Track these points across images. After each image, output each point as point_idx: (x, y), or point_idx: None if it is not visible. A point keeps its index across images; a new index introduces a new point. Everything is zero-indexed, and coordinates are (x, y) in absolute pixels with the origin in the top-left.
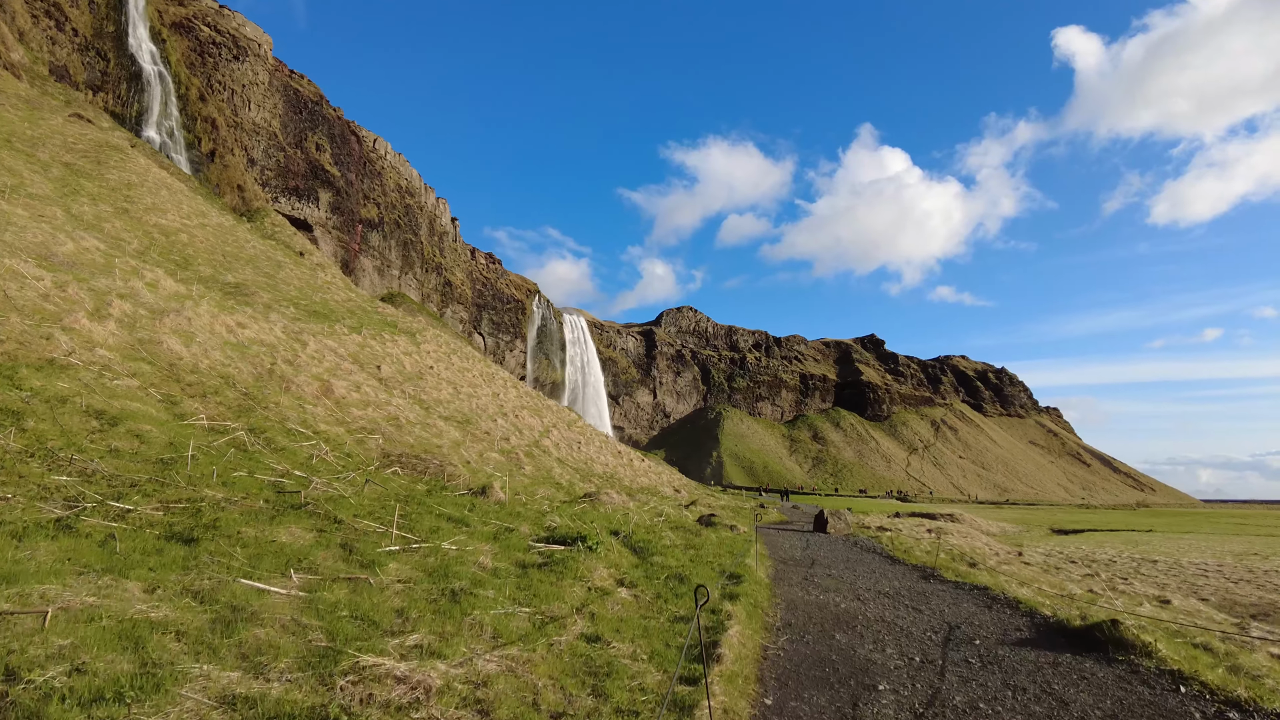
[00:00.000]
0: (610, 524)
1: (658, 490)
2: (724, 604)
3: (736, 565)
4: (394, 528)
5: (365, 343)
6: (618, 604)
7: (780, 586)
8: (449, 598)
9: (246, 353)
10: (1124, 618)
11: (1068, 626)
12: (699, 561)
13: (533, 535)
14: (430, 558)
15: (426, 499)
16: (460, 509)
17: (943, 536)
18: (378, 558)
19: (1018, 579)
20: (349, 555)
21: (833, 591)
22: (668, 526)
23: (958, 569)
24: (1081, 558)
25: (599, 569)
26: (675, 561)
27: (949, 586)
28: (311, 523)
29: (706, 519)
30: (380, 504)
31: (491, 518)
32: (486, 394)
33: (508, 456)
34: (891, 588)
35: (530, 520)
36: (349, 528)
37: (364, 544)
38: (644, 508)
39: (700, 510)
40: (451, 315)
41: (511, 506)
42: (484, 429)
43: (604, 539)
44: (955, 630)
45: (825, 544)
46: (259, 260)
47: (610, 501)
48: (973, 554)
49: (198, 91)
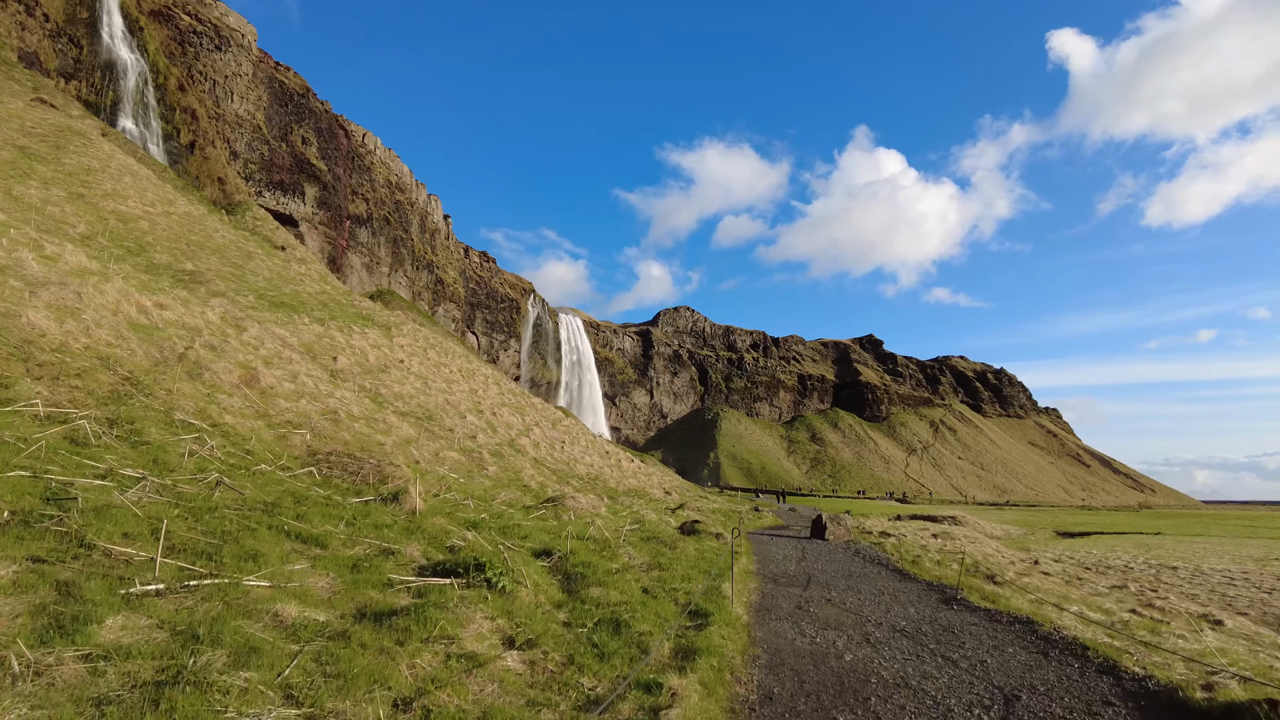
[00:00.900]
0: (554, 538)
1: (645, 493)
2: (670, 675)
3: (708, 595)
4: (158, 554)
5: (327, 334)
6: (490, 685)
7: (764, 623)
8: (158, 689)
9: (154, 335)
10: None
11: (1188, 704)
12: (659, 590)
13: (416, 562)
14: (208, 602)
15: (301, 508)
16: (336, 521)
17: (949, 542)
18: (106, 606)
19: (1051, 597)
20: (60, 601)
21: (834, 629)
22: (638, 537)
23: (980, 587)
24: (1095, 564)
25: (477, 619)
26: (621, 594)
27: (980, 617)
28: (39, 546)
29: (689, 526)
30: (218, 515)
31: (372, 535)
32: (463, 390)
33: (469, 456)
34: (909, 619)
35: (429, 538)
36: (100, 553)
37: (102, 582)
38: (620, 513)
39: (686, 515)
40: (444, 314)
41: (424, 518)
42: (447, 426)
43: (518, 566)
44: (1014, 703)
45: (824, 554)
46: (227, 250)
47: (577, 506)
48: (987, 564)
49: (177, 81)
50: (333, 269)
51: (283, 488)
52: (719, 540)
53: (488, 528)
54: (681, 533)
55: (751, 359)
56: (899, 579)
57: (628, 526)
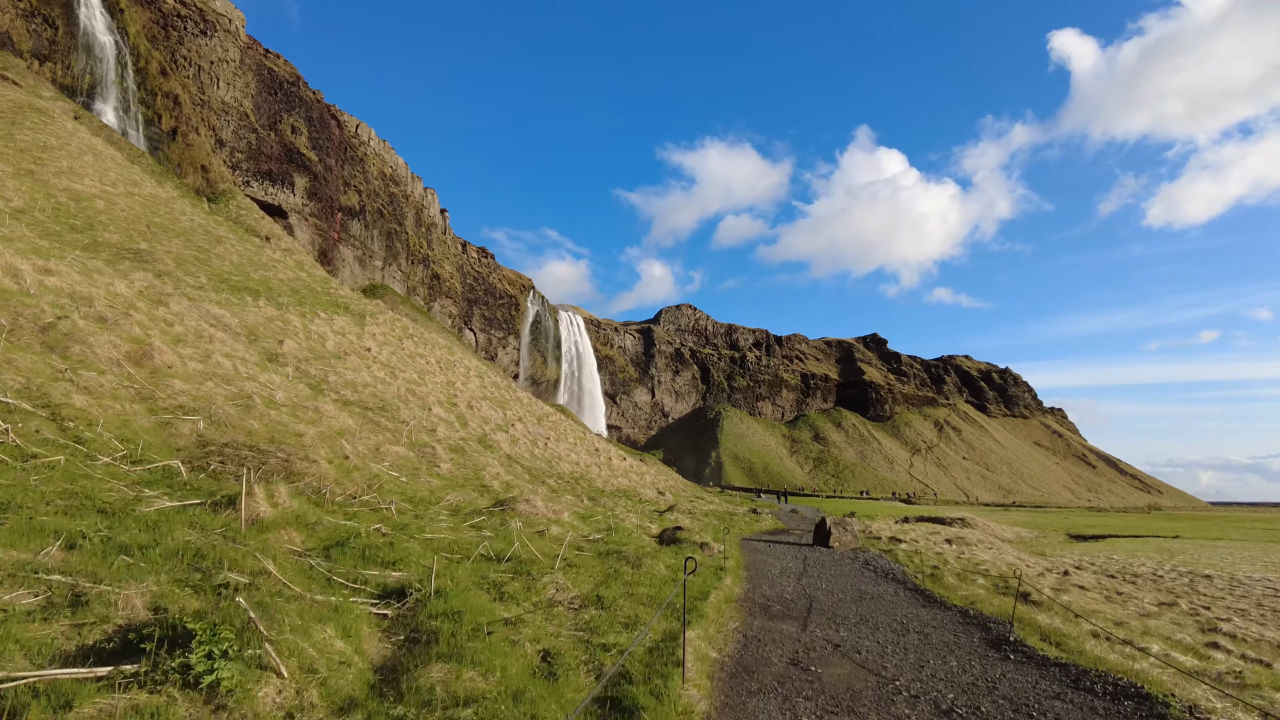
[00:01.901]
0: (452, 563)
1: (636, 493)
2: None
3: (655, 656)
4: None
5: (282, 317)
6: None
7: (734, 706)
8: None
9: (13, 300)
10: None
11: None
12: (572, 653)
13: (110, 621)
14: None
15: (33, 515)
16: (52, 540)
17: (965, 549)
18: None
19: (1116, 628)
20: None
21: (847, 712)
22: (596, 552)
23: (1031, 619)
24: (1121, 571)
25: None
26: (488, 673)
27: (1057, 678)
28: None
29: (670, 534)
30: None
31: (97, 564)
32: (438, 382)
33: (421, 451)
34: (956, 684)
35: (218, 567)
36: None
37: None
38: (593, 518)
39: (672, 520)
40: (440, 309)
41: (265, 532)
42: (402, 418)
43: (296, 627)
44: None
45: (828, 566)
46: (194, 234)
47: (531, 511)
48: (1015, 577)
49: (159, 66)
50: (323, 262)
51: (63, 486)
52: (704, 551)
53: (353, 549)
54: (660, 542)
55: (754, 357)
56: (923, 603)
57: (592, 536)
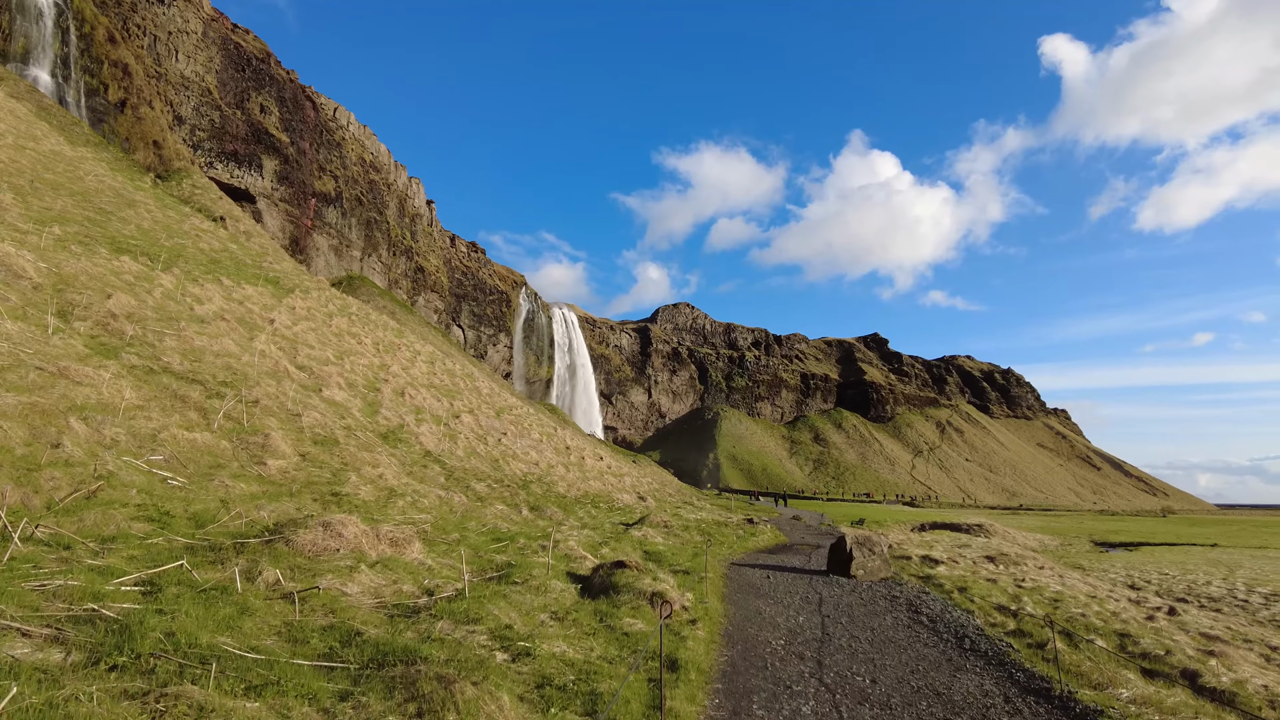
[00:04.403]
0: None
1: (609, 499)
2: None
3: None
4: None
5: (148, 275)
6: None
7: None
8: None
9: None
10: None
11: None
12: None
13: None
14: None
15: None
16: None
17: (1010, 568)
18: None
19: None
20: None
21: None
22: (371, 649)
23: None
24: (1194, 594)
25: None
26: None
27: None
28: None
29: (604, 577)
30: None
31: None
32: (363, 364)
33: (240, 441)
34: None
35: None
36: None
37: None
38: (487, 549)
39: (635, 540)
40: (425, 304)
41: None
42: (254, 396)
43: None
44: None
45: (860, 619)
46: (98, 195)
47: (320, 546)
48: (1109, 618)
49: (106, 32)
50: (295, 251)
51: None
52: (654, 609)
53: None
54: (583, 593)
55: (753, 357)
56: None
57: (439, 593)
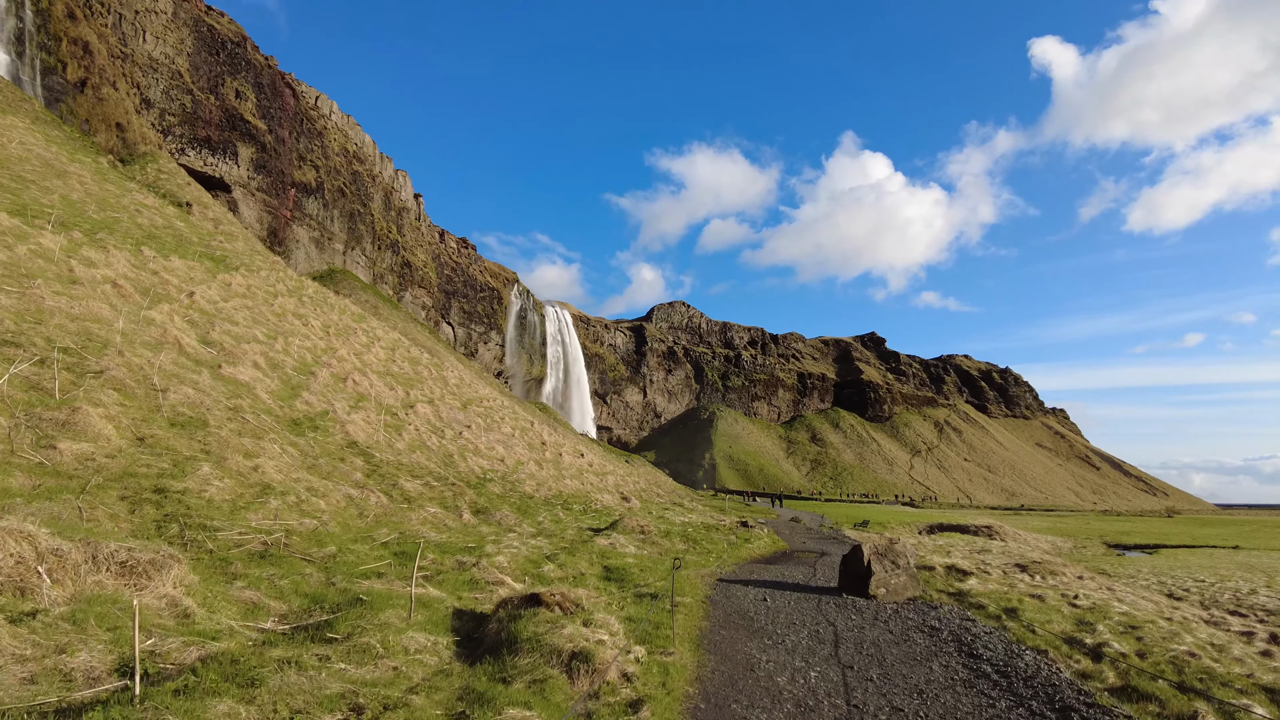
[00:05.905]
0: None
1: (586, 499)
2: None
3: None
4: None
5: (25, 234)
6: None
7: None
8: None
9: None
10: None
11: None
12: None
13: None
14: None
15: None
16: None
17: (1049, 578)
18: None
19: None
20: None
21: None
22: None
23: None
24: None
25: None
26: None
27: None
28: None
29: (505, 623)
30: None
31: None
32: (308, 345)
33: (27, 416)
34: None
35: None
36: None
37: None
38: (355, 581)
39: (586, 560)
40: (412, 300)
41: None
42: (100, 366)
43: None
44: None
45: (892, 674)
46: (21, 162)
47: None
48: (1206, 658)
49: (65, 8)
50: (274, 242)
51: None
52: (571, 683)
53: None
54: (455, 659)
55: (749, 356)
56: None
57: None
